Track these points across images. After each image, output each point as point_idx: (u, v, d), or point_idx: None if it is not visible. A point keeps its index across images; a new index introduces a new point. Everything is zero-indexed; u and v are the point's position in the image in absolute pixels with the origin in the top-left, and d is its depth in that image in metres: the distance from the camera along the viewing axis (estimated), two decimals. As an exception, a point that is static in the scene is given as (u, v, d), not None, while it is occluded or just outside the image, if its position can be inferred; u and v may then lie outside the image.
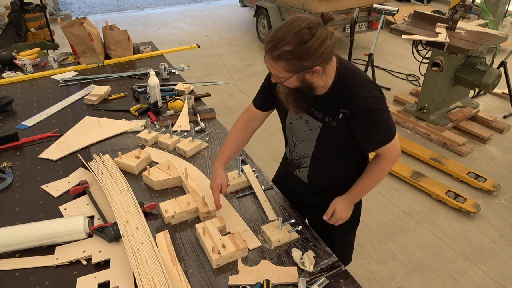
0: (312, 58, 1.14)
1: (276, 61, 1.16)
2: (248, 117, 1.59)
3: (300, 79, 1.21)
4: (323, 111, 1.34)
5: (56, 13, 7.38)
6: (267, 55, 1.17)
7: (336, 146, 1.40)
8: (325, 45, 1.13)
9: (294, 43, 1.11)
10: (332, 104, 1.30)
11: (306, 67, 1.16)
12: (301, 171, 1.54)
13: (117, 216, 1.44)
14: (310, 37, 1.11)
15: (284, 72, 1.19)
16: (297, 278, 1.25)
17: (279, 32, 1.14)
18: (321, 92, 1.30)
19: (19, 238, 1.35)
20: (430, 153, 3.44)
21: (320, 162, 1.47)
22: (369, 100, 1.25)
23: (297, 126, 1.44)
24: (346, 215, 1.50)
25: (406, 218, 2.86)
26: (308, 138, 1.43)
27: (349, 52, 3.80)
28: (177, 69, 2.80)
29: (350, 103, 1.26)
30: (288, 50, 1.12)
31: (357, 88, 1.26)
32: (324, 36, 1.13)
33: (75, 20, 2.89)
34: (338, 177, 1.53)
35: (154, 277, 1.21)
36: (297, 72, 1.18)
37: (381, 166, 1.40)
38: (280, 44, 1.12)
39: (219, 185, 1.50)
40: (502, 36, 3.45)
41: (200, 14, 8.08)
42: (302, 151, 1.48)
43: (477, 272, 2.45)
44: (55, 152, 1.90)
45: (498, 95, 4.55)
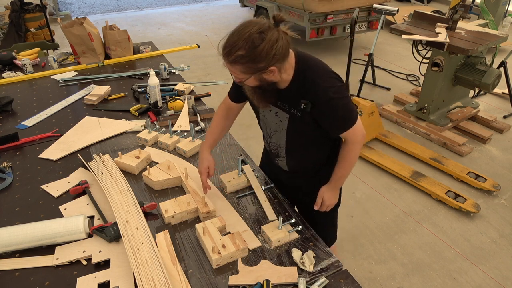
0: (265, 60, 1.21)
1: (232, 65, 1.25)
2: (226, 107, 1.69)
3: (258, 79, 1.29)
4: (288, 103, 1.44)
5: (56, 13, 7.38)
6: (224, 59, 1.26)
7: (305, 134, 1.50)
8: (276, 47, 1.21)
9: (246, 48, 1.19)
10: (294, 96, 1.39)
11: (261, 68, 1.24)
12: (280, 160, 1.65)
13: (117, 216, 1.44)
14: (260, 42, 1.19)
15: (241, 74, 1.27)
16: (297, 278, 1.25)
17: (232, 38, 1.22)
18: (283, 85, 1.39)
19: (19, 238, 1.35)
20: (430, 153, 3.44)
21: (294, 151, 1.58)
22: (328, 90, 1.33)
23: (269, 119, 1.54)
24: (334, 201, 1.65)
25: (406, 218, 2.86)
26: (279, 129, 1.53)
27: (349, 52, 3.79)
28: (177, 69, 2.80)
29: (310, 94, 1.35)
30: (242, 54, 1.20)
31: (316, 79, 1.34)
32: (274, 39, 1.20)
33: (75, 20, 2.89)
34: (316, 162, 1.64)
35: (154, 277, 1.21)
36: (254, 73, 1.26)
37: (350, 150, 1.51)
38: (233, 50, 1.21)
39: (206, 168, 1.59)
40: (502, 36, 3.45)
41: (200, 14, 8.08)
42: (277, 141, 1.59)
43: (477, 272, 2.45)
44: (55, 152, 1.90)
45: (498, 95, 4.55)
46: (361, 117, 3.44)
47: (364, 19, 5.44)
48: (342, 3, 5.13)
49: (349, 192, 3.10)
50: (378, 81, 4.83)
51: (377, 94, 4.62)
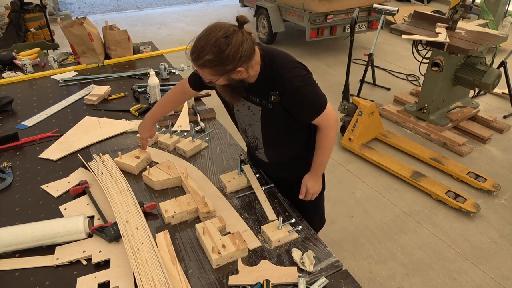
0: (232, 62, 1.26)
1: (201, 68, 1.30)
2: (182, 90, 1.74)
3: (227, 79, 1.34)
4: (259, 96, 1.48)
5: (56, 13, 7.38)
6: (193, 63, 1.30)
7: (278, 125, 1.53)
8: (242, 49, 1.26)
9: (214, 52, 1.23)
10: (263, 89, 1.44)
11: (229, 70, 1.28)
12: (260, 152, 1.69)
13: (117, 216, 1.44)
14: (226, 46, 1.23)
15: (210, 76, 1.32)
16: (297, 278, 1.25)
17: (200, 43, 1.25)
18: (252, 80, 1.43)
19: (19, 238, 1.35)
20: (430, 153, 3.44)
21: (271, 142, 1.61)
22: (294, 78, 1.38)
23: (243, 112, 1.59)
24: (318, 188, 1.68)
25: (406, 218, 2.86)
26: (253, 122, 1.57)
27: (349, 52, 3.79)
28: (177, 69, 2.80)
29: (278, 85, 1.39)
30: (209, 59, 1.25)
31: (281, 70, 1.39)
32: (239, 42, 1.25)
33: (75, 20, 2.88)
34: (294, 151, 1.67)
35: (154, 277, 1.21)
36: (222, 75, 1.31)
37: (325, 135, 1.54)
38: (201, 54, 1.25)
39: (148, 136, 1.79)
40: (502, 36, 3.45)
41: (200, 14, 8.08)
42: (253, 134, 1.63)
43: (477, 272, 2.45)
44: (55, 152, 1.90)
45: (498, 95, 4.55)
46: (361, 117, 3.45)
47: (364, 19, 5.44)
48: (342, 3, 5.13)
49: (349, 192, 3.10)
50: (378, 81, 4.83)
51: (377, 94, 4.62)
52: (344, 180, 3.23)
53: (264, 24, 6.06)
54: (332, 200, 3.00)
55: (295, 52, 5.83)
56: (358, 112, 3.47)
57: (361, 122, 3.46)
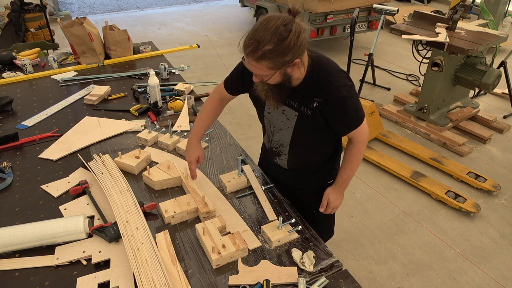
0: (292, 52, 1.21)
1: (259, 61, 1.22)
2: (220, 97, 1.69)
3: (282, 74, 1.29)
4: (299, 101, 1.43)
5: (56, 13, 7.38)
6: (248, 57, 1.23)
7: (311, 132, 1.49)
8: (301, 38, 1.21)
9: (274, 41, 1.18)
10: (307, 94, 1.39)
11: (288, 61, 1.23)
12: (281, 159, 1.65)
13: (117, 216, 1.44)
14: (287, 33, 1.18)
15: (267, 70, 1.25)
16: (297, 278, 1.25)
17: (257, 34, 1.19)
18: (296, 83, 1.39)
19: (19, 238, 1.35)
20: (430, 153, 3.44)
21: (297, 149, 1.57)
22: (342, 88, 1.35)
23: (275, 116, 1.53)
24: (339, 203, 1.66)
25: (406, 218, 2.86)
26: (285, 127, 1.52)
27: (349, 52, 3.80)
28: (177, 69, 2.80)
29: (324, 92, 1.36)
30: (270, 49, 1.18)
31: (329, 78, 1.35)
32: (299, 30, 1.21)
33: (75, 20, 2.88)
34: (316, 162, 1.64)
35: (154, 277, 1.21)
36: (280, 68, 1.25)
37: (356, 150, 1.52)
38: (261, 45, 1.18)
39: (197, 157, 1.64)
40: (502, 36, 3.45)
41: (200, 14, 8.08)
42: (280, 139, 1.58)
43: (477, 272, 2.45)
44: (55, 152, 1.90)
45: (498, 95, 4.55)
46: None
47: (364, 19, 5.44)
48: (342, 3, 5.13)
49: (349, 192, 3.10)
50: (378, 81, 4.83)
51: (377, 94, 4.62)
52: (344, 180, 3.23)
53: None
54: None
55: (295, 52, 5.82)
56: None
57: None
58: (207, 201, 1.53)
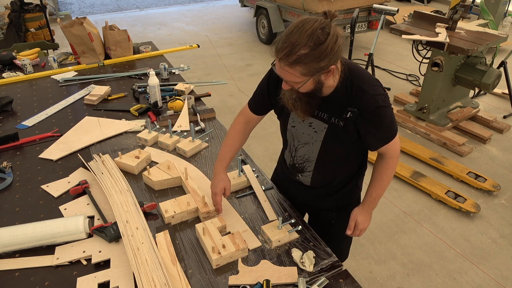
0: (328, 57, 1.12)
1: (293, 66, 1.13)
2: (245, 119, 1.59)
3: (315, 81, 1.19)
4: (329, 112, 1.33)
5: (56, 13, 7.38)
6: (282, 61, 1.14)
7: (341, 146, 1.39)
8: (338, 43, 1.13)
9: (310, 45, 1.09)
10: (339, 104, 1.29)
11: (323, 67, 1.14)
12: (304, 175, 1.53)
13: (117, 216, 1.44)
14: (325, 37, 1.09)
15: (301, 76, 1.16)
16: (297, 278, 1.25)
17: (293, 37, 1.10)
18: (327, 93, 1.29)
19: (19, 238, 1.35)
20: (430, 153, 3.44)
21: (324, 164, 1.46)
22: (377, 97, 1.25)
23: (300, 130, 1.42)
24: (367, 224, 1.54)
25: (406, 218, 2.86)
26: (312, 141, 1.41)
27: (349, 52, 3.79)
28: (177, 69, 2.80)
29: (358, 101, 1.26)
30: (305, 53, 1.10)
31: (364, 86, 1.26)
32: (337, 34, 1.12)
33: (75, 20, 2.88)
34: (341, 179, 1.53)
35: (154, 277, 1.21)
36: (314, 74, 1.16)
37: (388, 166, 1.42)
38: (296, 49, 1.10)
39: (222, 189, 1.49)
40: (502, 36, 3.45)
41: (200, 14, 8.08)
42: (306, 154, 1.47)
43: (477, 272, 2.45)
44: (55, 152, 1.90)
45: (498, 95, 4.55)
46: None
47: (364, 19, 5.44)
48: (342, 3, 5.13)
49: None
50: (378, 81, 4.83)
51: (377, 94, 4.62)
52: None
53: (264, 24, 6.06)
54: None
55: (295, 52, 5.82)
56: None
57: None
58: (207, 201, 1.53)
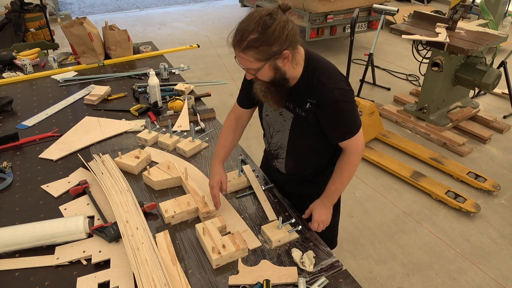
0: (279, 41, 1.18)
1: (245, 52, 1.21)
2: (236, 116, 1.65)
3: (272, 67, 1.25)
4: (294, 102, 1.40)
5: (56, 13, 7.38)
6: (235, 49, 1.22)
7: (307, 136, 1.45)
8: (288, 28, 1.19)
9: (258, 30, 1.17)
10: (301, 95, 1.36)
11: (275, 52, 1.20)
12: (279, 162, 1.61)
13: (117, 216, 1.44)
14: (272, 22, 1.17)
15: (255, 62, 1.23)
16: (297, 278, 1.25)
17: (242, 24, 1.19)
18: (293, 83, 1.36)
19: (19, 238, 1.35)
20: (430, 153, 3.44)
21: (294, 153, 1.53)
22: (336, 91, 1.30)
23: (273, 118, 1.51)
24: (325, 218, 1.52)
25: (406, 218, 2.86)
26: (282, 129, 1.49)
27: (349, 52, 3.79)
28: (177, 69, 2.80)
29: (317, 93, 1.31)
30: (254, 38, 1.17)
31: (323, 79, 1.31)
32: (284, 20, 1.19)
33: (75, 20, 2.88)
34: (314, 168, 1.59)
35: (154, 277, 1.21)
36: (268, 59, 1.22)
37: (348, 161, 1.44)
38: (246, 35, 1.18)
39: (218, 182, 1.54)
40: (502, 36, 3.45)
41: (200, 14, 8.08)
42: (278, 141, 1.55)
43: (477, 272, 2.45)
44: (55, 152, 1.90)
45: (498, 95, 4.55)
46: (361, 117, 3.45)
47: (364, 19, 5.44)
48: (342, 3, 5.13)
49: (349, 192, 3.10)
50: (378, 81, 4.83)
51: (377, 94, 4.62)
52: (344, 180, 3.23)
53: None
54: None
55: (295, 52, 5.82)
56: (358, 112, 3.47)
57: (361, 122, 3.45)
58: (207, 201, 1.53)
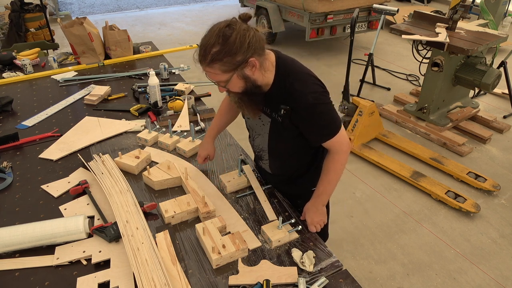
0: (241, 50, 1.20)
1: (211, 65, 1.22)
2: (228, 101, 1.68)
3: (241, 77, 1.26)
4: (270, 107, 1.41)
5: (56, 13, 7.38)
6: (202, 64, 1.24)
7: (286, 139, 1.46)
8: (249, 36, 1.20)
9: (219, 42, 1.19)
10: (275, 101, 1.36)
11: (240, 61, 1.21)
12: (264, 163, 1.65)
13: (117, 216, 1.44)
14: (231, 32, 1.19)
15: (223, 74, 1.24)
16: (297, 278, 1.25)
17: (204, 40, 1.22)
18: (266, 89, 1.36)
19: (19, 238, 1.35)
20: (430, 153, 3.44)
21: (276, 155, 1.56)
22: (309, 95, 1.29)
23: (253, 122, 1.54)
24: (317, 219, 1.49)
25: (406, 218, 2.86)
26: (262, 133, 1.52)
27: (349, 52, 3.79)
28: (177, 69, 2.80)
29: (290, 99, 1.32)
30: (217, 50, 1.19)
31: (296, 83, 1.31)
32: (244, 28, 1.20)
33: (75, 20, 2.88)
34: (297, 168, 1.61)
35: (154, 277, 1.21)
36: (235, 70, 1.23)
37: (334, 160, 1.43)
38: (208, 49, 1.20)
39: (206, 154, 1.71)
40: (502, 36, 3.45)
41: (200, 14, 8.08)
42: (260, 144, 1.58)
43: (477, 272, 2.45)
44: (55, 152, 1.90)
45: (498, 95, 4.55)
46: (361, 117, 3.45)
47: (364, 19, 5.44)
48: (342, 3, 5.13)
49: (349, 192, 3.10)
50: (378, 81, 4.83)
51: (377, 94, 4.62)
52: (344, 180, 3.23)
53: (264, 24, 6.05)
54: (332, 200, 2.97)
55: (295, 52, 5.83)
56: (358, 112, 3.47)
57: (361, 122, 3.46)
58: (207, 201, 1.53)
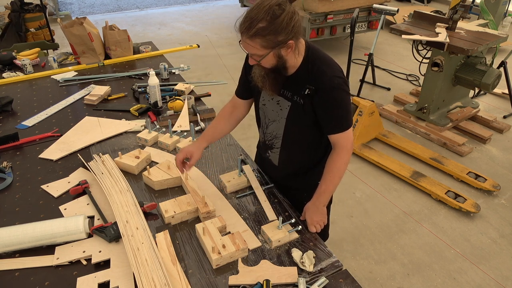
0: (285, 32, 1.23)
1: (252, 39, 1.24)
2: (232, 105, 1.70)
3: (276, 55, 1.29)
4: (292, 90, 1.43)
5: (56, 13, 7.38)
6: (243, 35, 1.26)
7: (303, 125, 1.49)
8: (295, 19, 1.24)
9: (267, 19, 1.21)
10: (300, 82, 1.39)
11: (281, 41, 1.25)
12: (273, 152, 1.64)
13: (117, 216, 1.44)
14: (281, 12, 1.21)
15: (261, 49, 1.27)
16: (297, 278, 1.25)
17: (252, 12, 1.23)
18: (291, 72, 1.40)
19: (19, 238, 1.35)
20: (430, 153, 3.44)
21: (289, 142, 1.56)
22: (335, 79, 1.35)
23: (269, 107, 1.54)
24: (318, 219, 1.49)
25: (406, 218, 2.86)
26: (278, 118, 1.52)
27: (349, 52, 3.80)
28: (177, 69, 2.80)
29: (316, 80, 1.36)
30: (263, 26, 1.21)
31: (323, 67, 1.36)
32: (292, 11, 1.24)
33: (75, 20, 2.88)
34: (305, 162, 1.63)
35: (154, 277, 1.21)
36: (273, 48, 1.26)
37: (338, 157, 1.45)
38: (254, 22, 1.21)
39: (181, 158, 1.56)
40: (502, 36, 3.45)
41: (200, 14, 8.08)
42: (274, 131, 1.58)
43: (477, 272, 2.45)
44: (55, 152, 1.90)
45: (498, 95, 4.55)
46: (361, 117, 3.45)
47: (364, 19, 5.43)
48: (342, 3, 5.13)
49: (349, 192, 3.10)
50: (378, 81, 4.83)
51: (377, 94, 4.62)
52: (344, 180, 3.21)
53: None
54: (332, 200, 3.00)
55: (295, 52, 5.81)
56: (358, 112, 3.47)
57: (361, 122, 3.46)
58: (207, 201, 1.53)
